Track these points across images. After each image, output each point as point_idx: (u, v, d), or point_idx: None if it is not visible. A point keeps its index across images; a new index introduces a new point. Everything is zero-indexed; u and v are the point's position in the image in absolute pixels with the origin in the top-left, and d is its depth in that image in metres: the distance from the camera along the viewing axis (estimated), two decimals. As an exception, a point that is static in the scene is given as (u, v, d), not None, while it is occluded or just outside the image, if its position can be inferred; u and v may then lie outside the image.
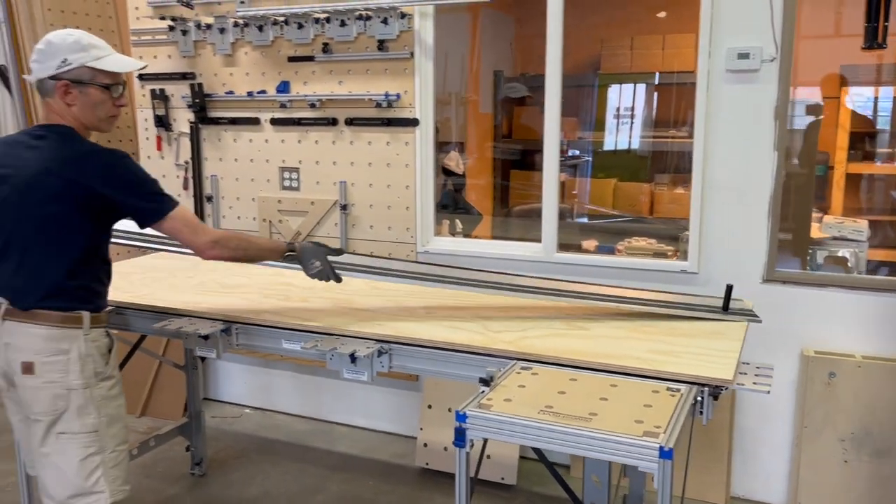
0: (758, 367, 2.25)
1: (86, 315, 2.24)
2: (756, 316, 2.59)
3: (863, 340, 3.21)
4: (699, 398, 2.07)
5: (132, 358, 3.31)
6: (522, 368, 2.22)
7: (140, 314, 2.82)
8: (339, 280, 2.61)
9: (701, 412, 2.09)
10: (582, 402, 1.98)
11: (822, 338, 3.26)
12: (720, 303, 2.61)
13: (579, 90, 7.03)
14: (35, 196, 2.16)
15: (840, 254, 3.40)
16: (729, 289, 2.58)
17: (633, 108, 7.05)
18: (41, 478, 2.32)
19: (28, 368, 2.21)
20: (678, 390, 2.05)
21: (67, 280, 2.22)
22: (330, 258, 2.59)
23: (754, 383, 2.13)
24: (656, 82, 6.70)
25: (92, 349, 2.26)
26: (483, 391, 2.05)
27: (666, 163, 6.55)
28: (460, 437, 1.92)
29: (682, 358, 2.22)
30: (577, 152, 6.90)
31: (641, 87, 6.94)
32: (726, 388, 2.08)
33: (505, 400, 1.99)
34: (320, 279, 2.58)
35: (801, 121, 5.72)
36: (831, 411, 3.23)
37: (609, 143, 7.09)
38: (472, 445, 1.94)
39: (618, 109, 7.04)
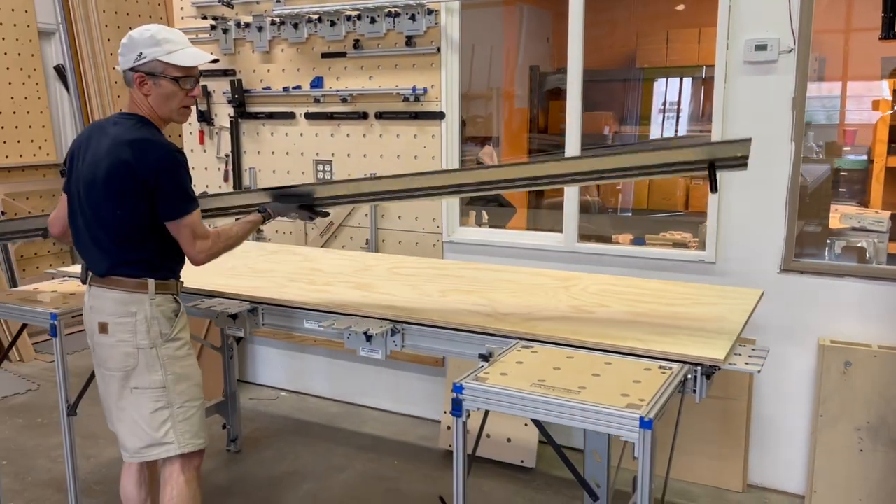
0: (753, 349, 2.30)
1: (151, 282, 2.44)
2: (746, 162, 2.29)
3: (879, 330, 3.21)
4: (691, 376, 2.14)
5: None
6: (523, 347, 2.33)
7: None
8: (326, 214, 2.85)
9: (694, 391, 2.17)
10: (575, 377, 2.07)
11: (838, 327, 3.27)
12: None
13: (623, 84, 7.05)
14: (97, 175, 2.38)
15: (859, 244, 3.39)
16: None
17: (679, 102, 7.03)
18: (118, 432, 2.55)
19: (103, 328, 2.46)
20: (669, 368, 2.13)
21: (126, 253, 2.42)
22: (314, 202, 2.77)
23: (746, 363, 2.19)
24: (703, 76, 6.68)
25: (157, 313, 2.45)
26: (482, 366, 2.17)
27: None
28: (457, 407, 2.05)
29: (680, 339, 2.29)
30: (621, 146, 6.92)
31: (687, 81, 6.92)
32: (719, 368, 2.15)
33: (501, 374, 2.10)
34: (303, 220, 2.85)
35: (859, 116, 5.64)
36: (847, 401, 3.24)
37: (654, 137, 7.07)
38: (468, 416, 2.06)
39: (664, 103, 7.03)
